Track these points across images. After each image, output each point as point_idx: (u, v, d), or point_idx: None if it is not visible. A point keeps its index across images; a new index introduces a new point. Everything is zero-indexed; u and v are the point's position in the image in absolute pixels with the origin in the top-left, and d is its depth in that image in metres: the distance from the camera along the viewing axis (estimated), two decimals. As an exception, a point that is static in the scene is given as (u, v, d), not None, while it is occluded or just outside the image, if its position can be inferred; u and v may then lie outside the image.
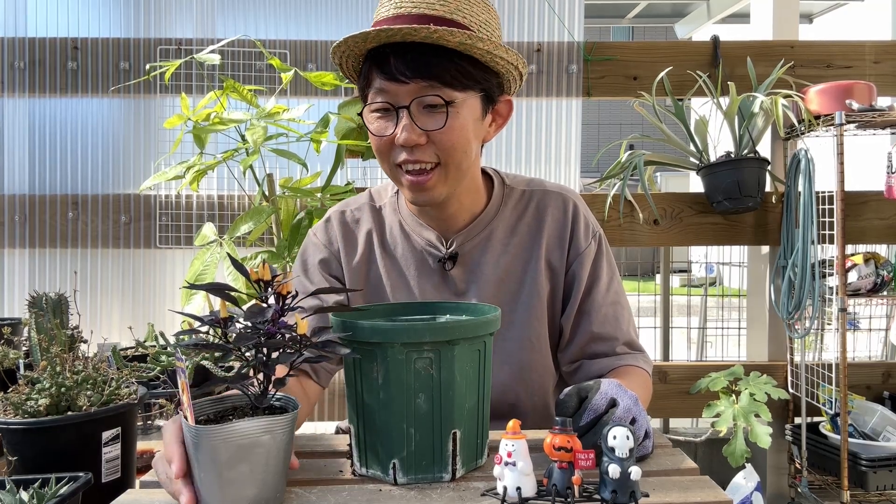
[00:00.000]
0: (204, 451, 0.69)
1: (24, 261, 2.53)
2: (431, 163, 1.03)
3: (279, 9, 2.56)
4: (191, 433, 0.70)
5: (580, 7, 2.54)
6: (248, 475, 0.70)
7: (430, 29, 0.95)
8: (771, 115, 2.29)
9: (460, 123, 1.02)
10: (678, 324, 3.66)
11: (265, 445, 0.71)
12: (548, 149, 2.56)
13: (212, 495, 0.71)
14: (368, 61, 1.03)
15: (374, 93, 1.03)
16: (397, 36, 0.97)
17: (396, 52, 0.99)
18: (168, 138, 2.43)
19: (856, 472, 2.18)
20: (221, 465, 0.69)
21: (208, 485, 0.71)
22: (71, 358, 1.05)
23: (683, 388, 2.51)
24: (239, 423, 0.70)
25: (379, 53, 1.01)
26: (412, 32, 0.95)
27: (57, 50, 2.50)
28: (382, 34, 0.96)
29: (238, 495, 0.71)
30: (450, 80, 1.00)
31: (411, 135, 1.00)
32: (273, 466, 0.72)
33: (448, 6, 0.99)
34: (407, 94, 1.00)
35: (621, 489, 0.70)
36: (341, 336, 0.80)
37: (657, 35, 12.86)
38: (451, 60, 0.99)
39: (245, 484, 0.71)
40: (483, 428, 0.84)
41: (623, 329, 1.16)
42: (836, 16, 6.29)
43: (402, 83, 0.99)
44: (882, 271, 2.33)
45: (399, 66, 0.98)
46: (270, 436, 0.71)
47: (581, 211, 1.19)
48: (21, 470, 0.92)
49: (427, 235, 1.16)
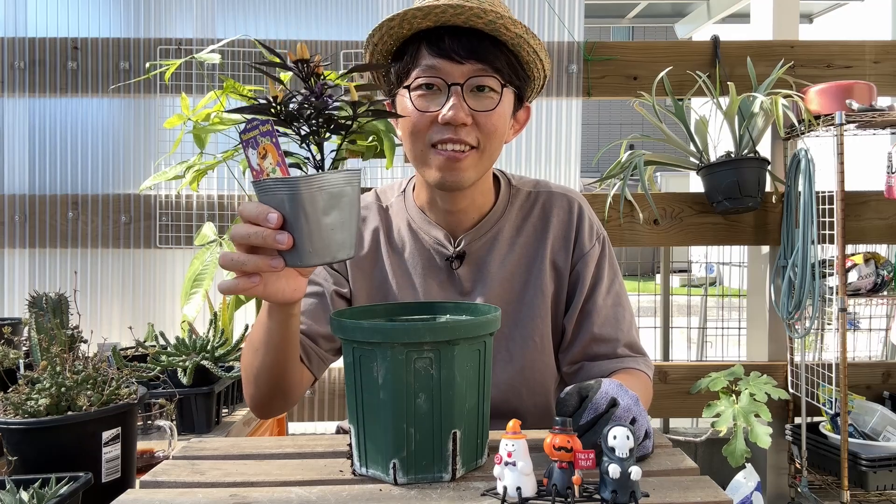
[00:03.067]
0: (305, 201, 0.75)
1: (24, 261, 2.53)
2: (469, 144, 1.05)
3: (279, 9, 2.56)
4: (290, 185, 0.76)
5: (580, 7, 2.54)
6: (339, 221, 0.78)
7: (498, 14, 0.98)
8: (771, 115, 2.29)
9: (503, 111, 1.07)
10: (678, 324, 3.66)
11: (349, 195, 0.78)
12: (548, 149, 2.56)
13: (310, 243, 0.77)
14: (418, 41, 1.05)
15: (422, 69, 1.04)
16: (463, 16, 0.99)
17: (451, 34, 1.01)
18: (168, 138, 2.43)
19: (856, 472, 2.18)
20: (320, 212, 0.76)
21: (308, 234, 0.77)
22: (71, 358, 1.05)
23: (683, 388, 2.51)
24: (328, 174, 0.76)
25: (431, 33, 1.03)
26: (481, 14, 0.98)
27: (57, 50, 2.50)
28: (450, 9, 0.98)
29: (335, 239, 0.78)
30: (500, 69, 1.04)
31: (459, 112, 1.02)
32: (355, 214, 0.80)
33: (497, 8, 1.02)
34: (461, 73, 1.03)
35: (621, 489, 0.69)
36: (341, 336, 0.80)
37: (657, 35, 12.86)
38: (503, 51, 1.03)
39: (338, 228, 0.78)
40: (483, 428, 0.84)
41: (624, 331, 1.16)
42: (836, 16, 6.29)
43: (456, 62, 1.02)
44: (882, 271, 2.33)
45: (454, 45, 1.01)
46: (351, 186, 0.78)
47: (586, 213, 1.20)
48: (21, 470, 0.92)
49: (435, 234, 1.17)
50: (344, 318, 0.82)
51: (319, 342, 1.13)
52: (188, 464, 0.88)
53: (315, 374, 1.14)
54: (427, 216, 1.18)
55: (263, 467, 0.86)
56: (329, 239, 0.77)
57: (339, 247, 0.78)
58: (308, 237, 0.77)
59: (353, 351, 0.80)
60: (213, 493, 0.78)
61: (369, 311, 0.93)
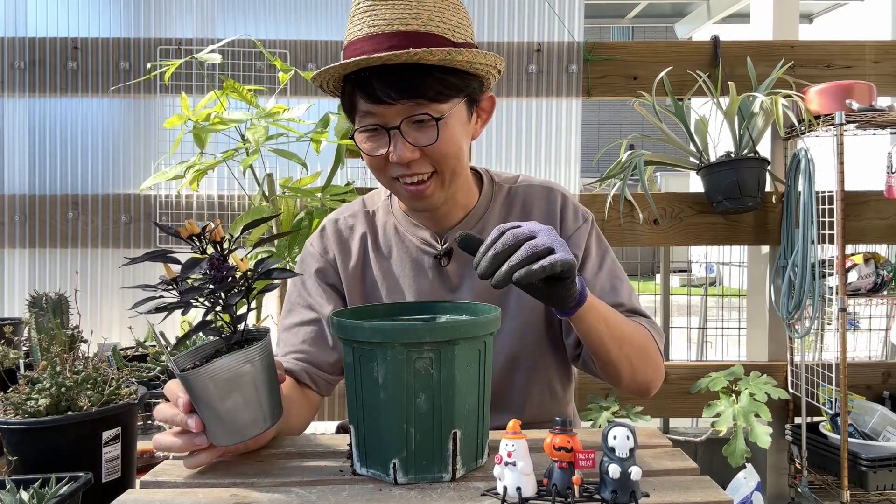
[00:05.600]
0: (198, 391, 0.78)
1: (24, 261, 2.53)
2: (427, 173, 1.06)
3: (279, 9, 2.56)
4: (183, 380, 0.78)
5: (580, 7, 2.54)
6: (242, 402, 0.79)
7: (410, 53, 0.95)
8: (771, 115, 2.29)
9: (450, 133, 1.05)
10: (678, 324, 3.67)
11: (249, 373, 0.79)
12: (548, 149, 2.56)
13: (216, 426, 0.79)
14: (350, 84, 1.04)
15: (362, 115, 1.05)
16: (377, 63, 0.98)
17: (378, 75, 0.99)
18: (168, 138, 2.43)
19: (856, 472, 2.18)
20: (215, 400, 0.78)
21: (210, 419, 0.79)
22: (71, 358, 1.05)
23: (683, 387, 2.51)
24: (218, 360, 0.77)
25: (360, 76, 1.01)
26: (392, 58, 0.96)
27: (57, 50, 2.50)
28: (363, 62, 0.98)
29: (238, 421, 0.79)
30: (435, 96, 1.01)
31: (405, 152, 1.03)
32: (263, 389, 0.81)
33: (420, 18, 0.99)
34: (395, 114, 1.02)
35: (621, 489, 0.70)
36: (341, 336, 0.81)
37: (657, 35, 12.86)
38: (433, 76, 1.00)
39: (241, 410, 0.79)
40: (483, 428, 0.84)
41: (624, 297, 1.16)
42: (836, 16, 6.30)
43: (388, 105, 1.01)
44: (882, 271, 2.33)
45: (384, 88, 1.00)
46: (251, 364, 0.79)
47: (569, 200, 1.21)
48: (21, 470, 0.92)
49: (421, 234, 1.19)
50: (344, 319, 0.82)
51: (324, 368, 1.15)
52: (188, 464, 0.88)
53: (324, 394, 1.16)
54: (412, 219, 1.20)
55: (263, 467, 0.86)
56: (233, 422, 0.79)
57: (246, 426, 0.80)
58: (212, 422, 0.79)
59: (353, 351, 0.80)
60: (213, 493, 0.78)
61: (369, 311, 0.93)
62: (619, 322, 1.06)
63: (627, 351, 1.06)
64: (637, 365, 1.08)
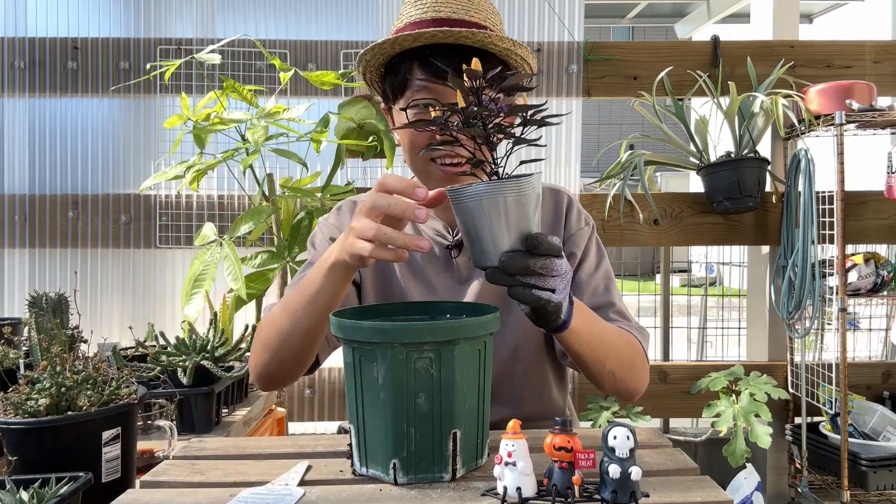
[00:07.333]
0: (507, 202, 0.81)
1: (24, 261, 2.53)
2: (465, 157, 1.08)
3: (279, 9, 2.56)
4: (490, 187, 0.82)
5: (580, 7, 2.54)
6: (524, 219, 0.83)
7: (485, 33, 1.02)
8: (771, 115, 2.29)
9: None
10: (678, 324, 3.66)
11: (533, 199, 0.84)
12: (548, 149, 2.56)
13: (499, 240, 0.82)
14: (409, 59, 1.08)
15: (416, 90, 1.08)
16: (451, 38, 1.03)
17: (442, 53, 1.04)
18: (168, 138, 2.43)
19: (856, 472, 2.18)
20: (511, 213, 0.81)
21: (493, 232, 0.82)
22: (71, 358, 1.05)
23: (683, 388, 2.51)
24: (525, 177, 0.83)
25: (418, 53, 1.06)
26: (469, 35, 1.02)
27: (57, 50, 2.50)
28: (440, 34, 1.02)
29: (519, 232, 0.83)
30: None
31: None
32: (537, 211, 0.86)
33: (481, 13, 1.08)
34: (452, 93, 1.03)
35: (621, 489, 0.70)
36: (341, 336, 0.80)
37: (657, 35, 12.85)
38: (492, 63, 1.05)
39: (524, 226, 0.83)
40: (483, 428, 0.84)
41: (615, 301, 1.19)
42: (836, 16, 6.30)
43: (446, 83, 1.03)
44: (882, 271, 2.33)
45: (445, 66, 1.02)
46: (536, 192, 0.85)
47: (574, 203, 1.25)
48: (21, 470, 0.92)
49: (434, 225, 1.21)
50: (344, 319, 0.82)
51: None
52: (188, 464, 0.88)
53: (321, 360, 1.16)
54: None
55: (263, 467, 0.86)
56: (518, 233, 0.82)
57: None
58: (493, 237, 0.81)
59: (353, 351, 0.80)
60: (213, 493, 0.78)
61: (369, 311, 0.93)
62: (605, 338, 1.06)
63: (611, 367, 1.07)
64: (620, 377, 1.10)
